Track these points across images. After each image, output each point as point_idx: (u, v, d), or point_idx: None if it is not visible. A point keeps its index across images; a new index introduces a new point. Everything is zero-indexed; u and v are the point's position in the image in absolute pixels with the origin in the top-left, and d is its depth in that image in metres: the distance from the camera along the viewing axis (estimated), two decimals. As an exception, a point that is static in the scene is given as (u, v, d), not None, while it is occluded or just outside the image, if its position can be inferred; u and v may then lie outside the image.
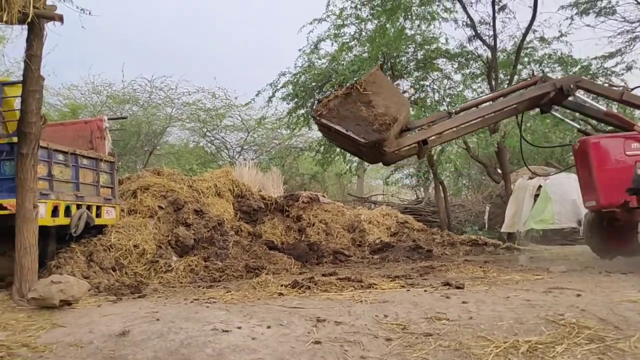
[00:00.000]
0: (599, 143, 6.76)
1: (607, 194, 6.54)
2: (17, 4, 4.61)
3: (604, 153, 6.66)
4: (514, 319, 3.87)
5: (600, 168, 6.60)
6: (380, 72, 6.05)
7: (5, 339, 3.93)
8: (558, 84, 6.62)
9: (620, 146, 6.61)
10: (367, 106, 5.77)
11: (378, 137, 5.80)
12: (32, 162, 5.43)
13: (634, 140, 6.62)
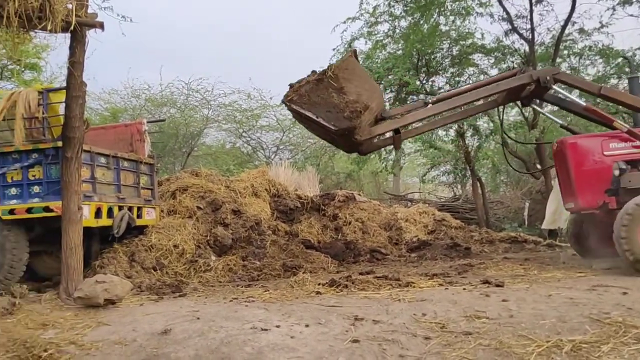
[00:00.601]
0: (577, 143, 6.56)
1: (586, 196, 6.36)
2: (60, 13, 4.77)
3: (582, 154, 6.45)
4: (557, 318, 3.79)
5: (578, 169, 6.42)
6: (353, 58, 5.91)
7: (54, 336, 4.08)
8: (535, 76, 6.42)
9: (598, 146, 6.41)
10: (339, 93, 5.67)
11: (349, 125, 5.72)
12: (76, 166, 5.62)
13: (612, 140, 6.41)
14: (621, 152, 6.32)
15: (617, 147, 6.35)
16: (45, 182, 6.33)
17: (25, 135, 6.32)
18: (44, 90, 6.41)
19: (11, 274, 6.29)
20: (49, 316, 4.76)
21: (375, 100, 5.98)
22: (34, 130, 6.38)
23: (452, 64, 13.59)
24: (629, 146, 6.33)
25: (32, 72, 18.02)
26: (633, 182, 6.02)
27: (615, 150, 6.33)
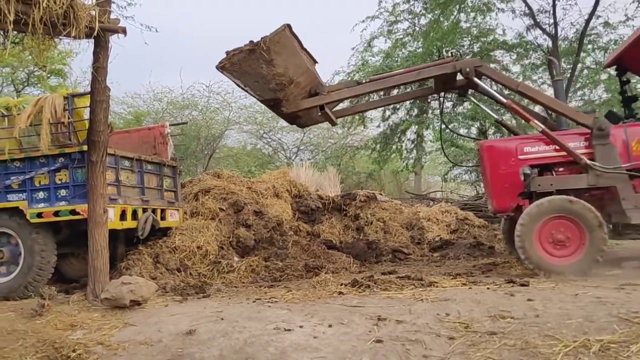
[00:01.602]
0: (493, 146, 6.63)
1: (500, 198, 6.39)
2: (84, 19, 4.85)
3: (497, 156, 6.45)
4: (584, 317, 3.72)
5: (493, 172, 6.44)
6: (286, 33, 5.91)
7: (82, 337, 4.16)
8: (458, 66, 6.39)
9: (513, 149, 6.39)
10: (268, 65, 5.81)
11: (273, 96, 6.03)
12: (101, 169, 5.71)
13: (527, 143, 6.40)
14: (535, 156, 6.33)
15: (531, 151, 6.34)
16: (71, 186, 6.44)
17: (52, 140, 6.45)
18: (69, 95, 6.52)
19: (40, 275, 6.42)
20: (77, 317, 4.85)
21: (304, 75, 6.13)
22: (60, 134, 6.50)
23: (473, 61, 13.49)
24: (542, 150, 6.32)
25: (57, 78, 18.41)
26: (542, 186, 6.06)
27: (529, 154, 6.33)
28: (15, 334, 4.33)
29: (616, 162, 5.93)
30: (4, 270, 6.62)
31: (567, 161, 6.22)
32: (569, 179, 6.14)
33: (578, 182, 6.05)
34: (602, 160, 5.97)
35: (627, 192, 5.87)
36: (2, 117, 6.64)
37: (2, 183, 6.58)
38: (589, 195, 6.17)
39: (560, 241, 5.79)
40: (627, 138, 6.05)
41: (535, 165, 6.31)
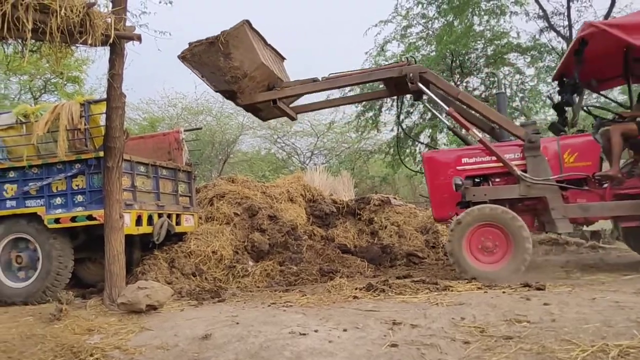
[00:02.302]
0: (432, 157, 6.81)
1: (440, 208, 6.58)
2: (100, 27, 4.93)
3: (437, 167, 6.63)
4: (602, 322, 3.68)
5: (433, 182, 6.61)
6: (244, 28, 6.17)
7: (99, 341, 4.20)
8: (403, 71, 6.52)
9: (452, 160, 6.57)
10: (226, 58, 6.16)
11: (227, 88, 6.39)
12: (117, 175, 5.77)
13: (466, 154, 6.56)
14: (472, 167, 6.52)
15: (469, 162, 6.51)
16: (88, 192, 6.51)
17: (69, 146, 6.52)
18: (86, 102, 6.59)
19: (58, 280, 6.50)
20: (94, 322, 4.90)
21: (259, 70, 6.35)
22: (76, 141, 6.57)
23: (487, 64, 13.43)
24: (480, 161, 6.48)
25: (73, 85, 18.65)
26: (477, 196, 6.27)
27: (467, 164, 6.51)
28: (34, 338, 4.39)
29: (546, 174, 6.14)
30: (22, 275, 6.71)
31: (503, 172, 6.38)
32: (502, 189, 6.35)
33: (510, 193, 6.27)
34: (533, 171, 6.17)
35: (556, 203, 6.07)
36: (21, 124, 6.73)
37: (21, 189, 6.68)
38: (523, 205, 6.39)
39: (488, 248, 6.00)
40: (559, 150, 6.25)
41: (473, 176, 6.54)
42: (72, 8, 4.69)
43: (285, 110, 7.17)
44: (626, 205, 5.94)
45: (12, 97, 19.54)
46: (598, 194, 6.16)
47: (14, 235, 6.71)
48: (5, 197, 6.75)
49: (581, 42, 6.10)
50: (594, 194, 6.16)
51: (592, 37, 5.96)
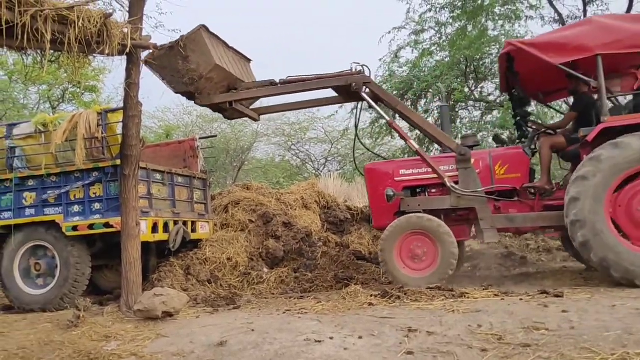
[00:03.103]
0: (373, 168, 7.00)
1: (379, 217, 6.79)
2: (117, 37, 4.99)
3: (377, 178, 6.83)
4: (622, 330, 3.62)
5: (372, 192, 6.82)
6: (201, 33, 6.41)
7: (116, 348, 4.23)
8: (349, 81, 6.68)
9: (391, 171, 6.78)
10: (184, 61, 6.44)
11: (185, 89, 6.64)
12: (133, 183, 5.83)
13: (404, 166, 6.81)
14: (409, 178, 6.74)
15: (406, 173, 6.74)
16: (105, 199, 6.58)
17: (86, 155, 6.61)
18: (103, 111, 6.68)
19: (75, 287, 6.57)
20: (111, 328, 4.94)
21: (215, 72, 6.60)
22: (94, 149, 6.65)
23: (502, 69, 13.34)
24: (417, 172, 6.70)
25: (91, 94, 18.91)
26: (411, 206, 6.52)
27: (405, 176, 6.74)
28: (52, 345, 4.44)
29: (476, 185, 6.34)
30: (41, 283, 6.80)
31: (438, 183, 6.55)
32: (434, 200, 6.60)
33: (442, 204, 6.49)
34: (463, 183, 6.38)
35: (484, 213, 6.28)
36: (39, 133, 6.83)
37: (40, 197, 6.78)
38: (457, 215, 6.62)
39: (417, 255, 6.21)
40: (491, 162, 6.45)
41: (411, 187, 6.76)
42: (90, 19, 4.76)
43: (244, 111, 7.46)
44: (549, 216, 6.08)
45: (31, 106, 19.87)
46: (528, 204, 6.34)
47: (33, 243, 6.81)
48: (25, 205, 6.85)
49: (507, 59, 6.40)
50: (524, 204, 6.35)
51: (517, 54, 6.23)
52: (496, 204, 6.39)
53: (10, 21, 4.36)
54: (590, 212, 5.46)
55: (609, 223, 5.47)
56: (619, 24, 5.84)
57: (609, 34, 5.74)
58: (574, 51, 5.82)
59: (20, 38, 4.44)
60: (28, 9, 4.40)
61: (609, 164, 5.45)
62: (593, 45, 5.71)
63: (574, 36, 5.93)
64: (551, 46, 5.93)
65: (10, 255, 6.80)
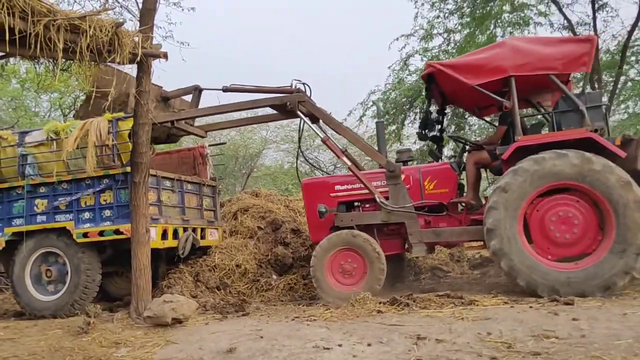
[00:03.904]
0: (309, 184, 7.19)
1: (315, 232, 6.91)
2: (128, 46, 5.05)
3: (313, 193, 6.99)
4: (634, 338, 3.59)
5: (309, 207, 6.94)
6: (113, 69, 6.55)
7: (126, 354, 4.25)
8: (284, 100, 6.85)
9: (326, 187, 6.96)
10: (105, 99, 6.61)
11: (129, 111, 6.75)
12: (143, 190, 5.87)
13: (339, 182, 6.97)
14: (344, 193, 6.89)
15: (341, 189, 6.90)
16: (115, 206, 6.63)
17: (97, 162, 6.66)
18: (114, 119, 6.74)
19: (85, 294, 6.61)
20: (121, 335, 4.96)
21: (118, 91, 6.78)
22: (104, 157, 6.71)
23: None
24: (351, 188, 6.84)
25: (101, 102, 18.99)
26: (344, 221, 6.65)
27: (340, 191, 6.90)
28: (62, 351, 4.47)
29: (405, 200, 6.47)
30: (52, 289, 6.85)
31: (372, 198, 6.63)
32: (366, 215, 6.72)
33: (373, 218, 6.62)
34: (393, 198, 6.51)
35: (413, 228, 6.42)
36: (51, 140, 6.90)
37: (51, 204, 6.84)
38: (389, 230, 6.73)
39: (348, 271, 6.32)
40: (420, 178, 6.62)
41: (346, 202, 6.91)
42: (102, 28, 4.83)
43: (187, 129, 7.72)
44: (473, 230, 6.18)
45: (43, 114, 20.06)
46: (457, 219, 6.48)
47: (44, 250, 6.87)
48: (36, 212, 6.92)
49: (427, 80, 6.60)
50: (453, 219, 6.49)
51: (438, 75, 6.43)
52: (427, 218, 6.56)
53: (23, 30, 4.43)
54: (505, 221, 5.66)
55: (520, 234, 5.68)
56: (530, 47, 6.07)
57: (521, 57, 5.96)
58: (490, 72, 6.03)
59: (33, 47, 4.51)
60: (41, 18, 4.46)
61: (526, 178, 5.63)
62: (507, 66, 5.94)
63: (489, 58, 6.14)
64: (469, 68, 6.17)
65: (22, 261, 6.86)
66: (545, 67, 5.88)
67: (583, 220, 5.59)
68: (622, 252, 5.33)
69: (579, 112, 5.80)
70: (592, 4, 11.76)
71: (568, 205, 5.65)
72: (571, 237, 5.62)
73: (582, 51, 5.87)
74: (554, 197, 5.70)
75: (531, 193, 5.65)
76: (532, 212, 5.75)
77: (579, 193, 5.62)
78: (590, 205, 5.60)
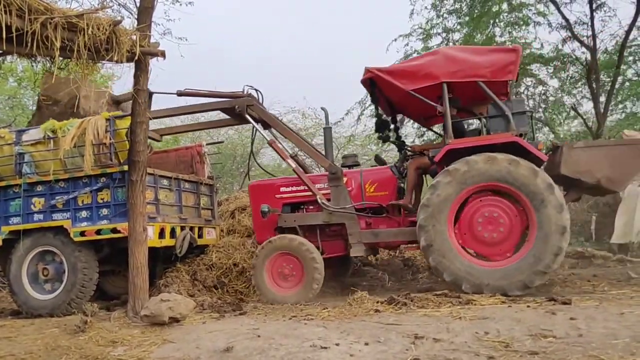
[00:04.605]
0: (255, 186, 7.43)
1: (261, 233, 7.12)
2: (126, 44, 5.04)
3: (259, 195, 7.20)
4: (631, 337, 3.59)
5: (255, 209, 7.12)
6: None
7: (123, 353, 4.24)
8: (233, 103, 7.08)
9: (272, 189, 7.20)
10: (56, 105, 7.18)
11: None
12: (141, 188, 5.85)
13: (284, 184, 7.20)
14: (289, 195, 7.12)
15: (286, 191, 7.13)
16: (112, 205, 6.62)
17: (94, 161, 6.65)
18: (111, 117, 6.72)
19: (82, 292, 6.59)
20: (117, 333, 4.95)
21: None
22: (102, 155, 6.70)
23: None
24: (296, 189, 7.06)
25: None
26: (288, 222, 6.91)
27: (285, 193, 7.14)
28: (59, 349, 4.46)
29: (346, 202, 6.71)
30: (48, 288, 6.83)
31: (315, 200, 6.83)
32: (309, 216, 6.95)
33: (315, 219, 6.85)
34: (335, 200, 6.74)
35: (353, 229, 6.65)
36: (48, 139, 6.88)
37: (48, 203, 6.82)
38: (331, 231, 6.93)
39: (286, 274, 6.49)
40: (362, 180, 6.86)
41: (291, 203, 7.11)
42: (99, 26, 4.81)
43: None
44: (408, 231, 6.38)
45: (40, 112, 19.94)
46: (396, 221, 6.70)
47: (41, 248, 6.85)
48: (33, 210, 6.90)
49: (368, 85, 6.73)
50: (393, 221, 6.72)
51: (377, 80, 6.59)
52: (368, 220, 6.77)
53: (20, 28, 4.41)
54: (435, 219, 5.93)
55: (449, 231, 5.95)
56: (461, 55, 6.35)
57: (453, 64, 6.23)
58: (423, 79, 6.27)
59: (30, 45, 4.49)
60: (38, 16, 4.45)
61: (457, 177, 5.91)
62: (439, 73, 6.21)
63: (423, 65, 6.40)
64: (404, 73, 6.41)
65: (19, 260, 6.84)
66: (475, 75, 6.18)
67: (508, 221, 5.89)
68: (541, 253, 5.62)
69: (506, 117, 6.08)
70: (590, 4, 11.76)
71: (495, 205, 5.96)
72: (498, 236, 5.90)
73: (508, 60, 6.13)
74: (483, 198, 6.01)
75: (461, 193, 5.93)
76: (463, 211, 6.02)
77: (506, 194, 5.91)
78: (516, 207, 5.89)
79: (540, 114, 13.35)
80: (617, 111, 15.10)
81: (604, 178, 6.03)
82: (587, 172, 6.05)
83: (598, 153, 6.10)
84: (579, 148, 6.16)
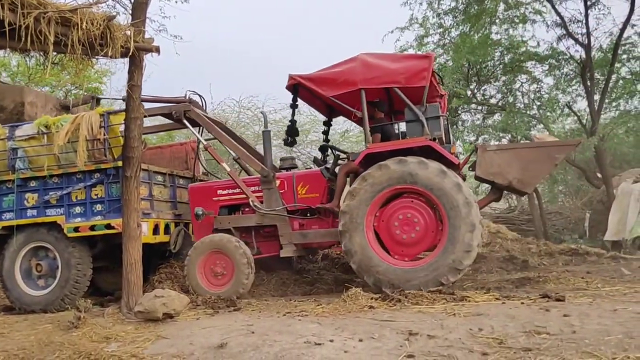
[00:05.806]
0: (194, 188, 7.40)
1: (199, 234, 7.08)
2: (120, 39, 5.01)
3: (198, 198, 7.23)
4: (623, 334, 3.61)
5: (193, 211, 7.05)
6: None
7: (116, 349, 4.23)
8: (172, 109, 7.27)
9: (209, 192, 7.27)
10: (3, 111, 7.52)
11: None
12: (135, 184, 5.84)
13: (221, 187, 7.29)
14: (225, 197, 7.21)
15: (223, 193, 7.22)
16: (106, 201, 6.60)
17: (88, 156, 6.63)
18: (105, 113, 6.70)
19: (76, 288, 6.58)
20: (111, 330, 4.94)
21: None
22: (96, 151, 6.68)
23: (504, 72, 13.31)
24: (232, 192, 7.16)
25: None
26: (222, 224, 7.01)
27: (222, 195, 7.22)
28: (52, 345, 4.44)
29: (278, 204, 6.84)
30: (42, 283, 6.81)
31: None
32: (242, 218, 7.07)
33: (249, 221, 6.98)
34: (267, 202, 6.88)
35: (284, 230, 6.80)
36: (42, 134, 6.85)
37: (42, 198, 6.79)
38: (264, 232, 7.06)
39: (218, 273, 6.56)
40: (294, 183, 6.98)
41: (227, 206, 7.19)
42: (93, 21, 4.77)
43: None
44: (335, 233, 6.47)
45: (34, 107, 19.83)
46: (327, 222, 6.82)
47: (34, 244, 6.83)
48: (27, 206, 6.88)
49: (292, 90, 6.85)
50: (324, 222, 6.84)
51: (301, 86, 6.71)
52: (300, 221, 6.88)
53: (13, 23, 4.37)
54: (354, 223, 6.10)
55: (367, 233, 6.12)
56: (378, 62, 6.42)
57: (369, 71, 6.35)
58: (342, 85, 6.40)
59: (23, 40, 4.46)
60: (31, 11, 4.41)
61: (372, 182, 6.10)
62: (357, 80, 6.32)
63: (342, 72, 6.48)
64: (324, 80, 6.54)
65: (12, 256, 6.81)
66: (390, 81, 6.34)
67: (423, 221, 6.09)
68: (453, 250, 5.81)
69: (420, 122, 6.24)
70: (584, 1, 11.77)
71: (410, 207, 6.15)
72: (416, 235, 6.09)
73: (422, 66, 6.24)
74: (398, 201, 6.18)
75: (377, 197, 6.10)
76: (380, 214, 6.19)
77: (419, 196, 6.10)
78: (429, 207, 6.09)
79: (534, 112, 13.37)
80: (611, 109, 15.14)
81: (515, 179, 6.24)
82: (499, 174, 6.28)
83: (509, 155, 6.32)
84: (491, 150, 6.38)
